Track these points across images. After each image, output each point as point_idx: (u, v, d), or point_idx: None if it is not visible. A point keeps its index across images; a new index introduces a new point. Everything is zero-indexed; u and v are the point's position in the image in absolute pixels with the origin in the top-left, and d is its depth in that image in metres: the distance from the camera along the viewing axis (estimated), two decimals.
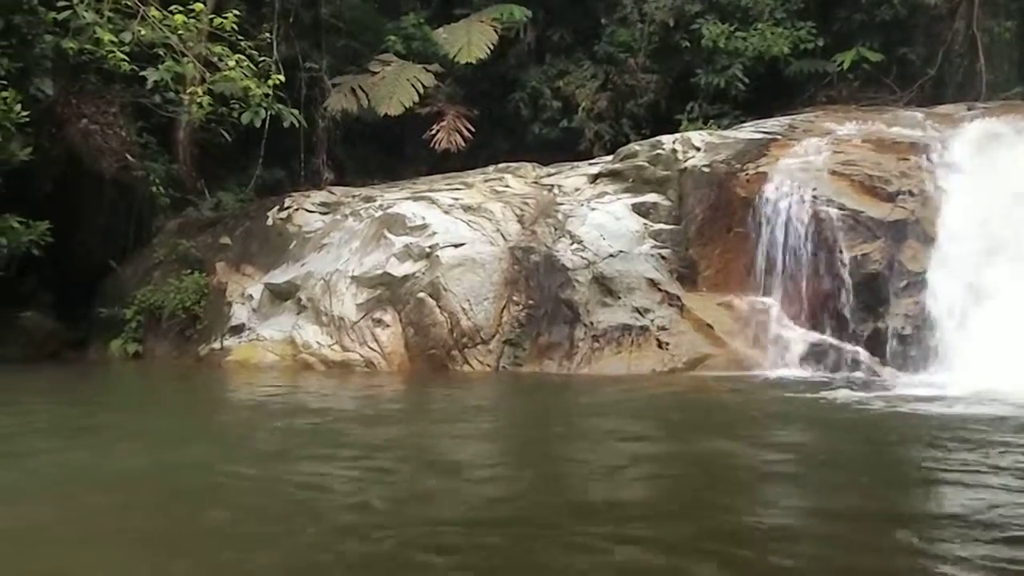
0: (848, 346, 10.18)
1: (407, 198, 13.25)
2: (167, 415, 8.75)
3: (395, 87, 15.91)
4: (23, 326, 13.36)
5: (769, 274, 10.99)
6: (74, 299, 13.82)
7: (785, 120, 13.31)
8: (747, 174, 11.50)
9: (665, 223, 11.94)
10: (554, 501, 4.83)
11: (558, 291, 11.28)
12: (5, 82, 11.22)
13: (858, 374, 9.81)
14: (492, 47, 16.10)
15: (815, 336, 10.37)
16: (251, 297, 12.79)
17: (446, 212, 12.53)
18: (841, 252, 10.47)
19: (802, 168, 11.28)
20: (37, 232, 11.78)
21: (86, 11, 11.56)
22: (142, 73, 12.18)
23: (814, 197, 10.84)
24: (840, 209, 10.67)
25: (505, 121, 17.52)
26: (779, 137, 12.39)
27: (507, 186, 13.49)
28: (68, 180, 13.41)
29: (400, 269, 11.87)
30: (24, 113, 11.36)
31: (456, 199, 12.87)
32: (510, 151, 16.48)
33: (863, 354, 10.06)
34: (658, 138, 13.21)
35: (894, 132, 11.74)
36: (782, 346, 10.41)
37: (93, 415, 8.46)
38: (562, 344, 10.99)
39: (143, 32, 11.72)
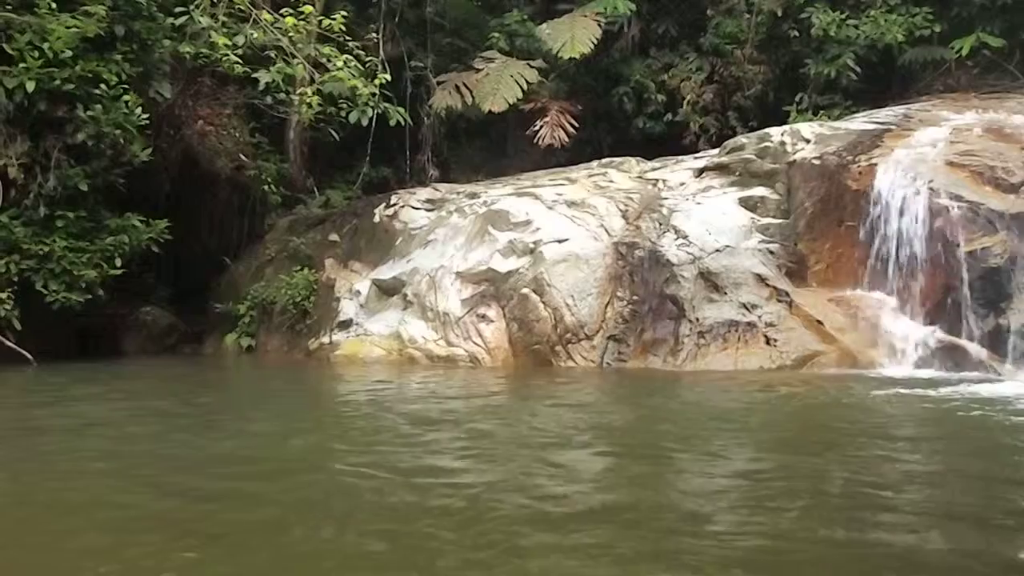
0: (967, 344, 9.79)
1: (511, 194, 13.30)
2: (310, 410, 8.96)
3: (499, 84, 15.98)
4: (143, 320, 13.88)
5: (882, 269, 10.66)
6: (191, 295, 14.31)
7: (899, 110, 12.91)
8: (859, 166, 11.17)
9: (773, 217, 11.70)
10: None
11: (663, 287, 11.16)
12: (126, 86, 11.65)
13: (977, 372, 9.42)
14: (596, 41, 16.02)
15: (931, 333, 10.01)
16: (359, 293, 13.03)
17: (550, 208, 12.54)
18: (959, 246, 10.07)
19: (918, 159, 10.91)
20: (156, 230, 12.20)
21: (202, 16, 11.96)
22: (254, 75, 12.53)
23: (930, 189, 10.46)
24: (958, 201, 10.27)
25: (609, 116, 17.42)
26: (893, 127, 12.02)
27: (611, 181, 13.42)
28: (185, 180, 13.88)
29: (504, 265, 11.92)
30: (144, 116, 11.79)
31: (560, 195, 12.86)
32: (614, 146, 16.42)
33: (983, 352, 9.66)
34: (766, 130, 12.98)
35: (1016, 121, 11.24)
36: (896, 343, 10.08)
37: (234, 408, 8.84)
38: (667, 340, 10.88)
39: (255, 35, 12.05)
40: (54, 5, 11.21)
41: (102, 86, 11.39)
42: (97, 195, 11.84)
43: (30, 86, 10.94)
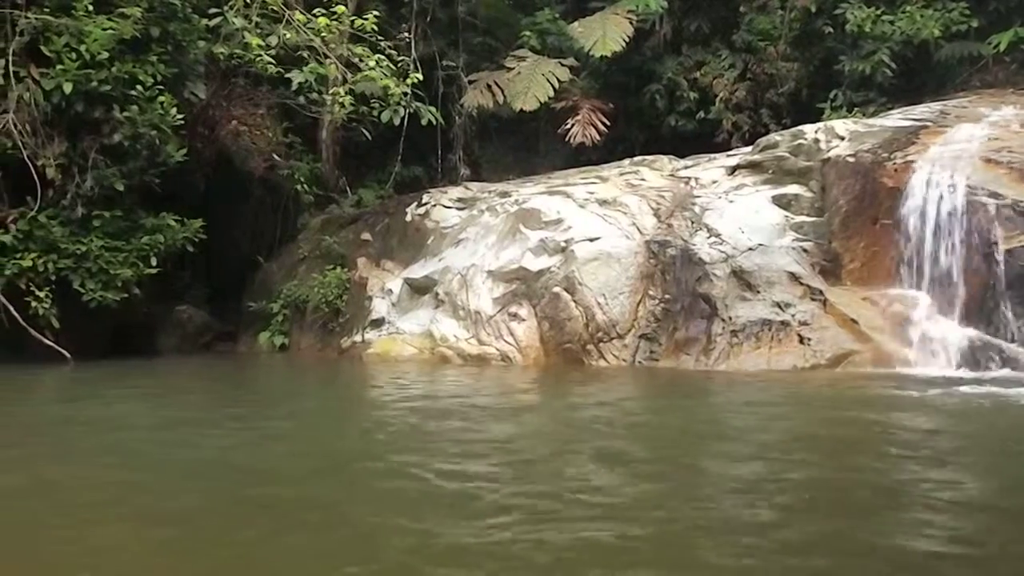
0: (1004, 343, 9.64)
1: (542, 193, 13.30)
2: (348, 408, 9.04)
3: (530, 82, 15.98)
4: (178, 319, 14.03)
5: (918, 267, 10.53)
6: (225, 293, 14.44)
7: (936, 106, 12.75)
8: (895, 163, 11.05)
9: (807, 215, 11.61)
10: None
11: (695, 285, 11.11)
12: (161, 87, 11.78)
13: (1015, 372, 9.27)
14: (627, 39, 15.96)
15: (968, 332, 9.87)
16: (391, 291, 13.08)
17: (581, 206, 12.52)
18: (997, 244, 9.92)
19: (954, 156, 10.76)
20: (191, 230, 12.32)
21: (235, 17, 12.05)
22: (287, 75, 12.62)
23: (967, 186, 10.32)
24: (996, 198, 10.12)
25: (641, 114, 17.35)
26: (929, 124, 11.87)
27: (643, 179, 13.37)
28: (219, 180, 14.00)
29: (535, 263, 11.92)
30: (179, 116, 11.91)
31: (591, 193, 12.84)
32: (646, 144, 16.36)
33: (1021, 352, 9.51)
34: (800, 127, 12.87)
35: None
36: (932, 343, 9.95)
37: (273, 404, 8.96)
38: (699, 339, 10.82)
39: (288, 36, 12.13)
40: (91, 8, 11.35)
41: (138, 87, 11.52)
42: (133, 195, 11.98)
43: (68, 88, 11.08)
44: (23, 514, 4.69)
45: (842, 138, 11.99)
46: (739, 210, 11.77)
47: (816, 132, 12.36)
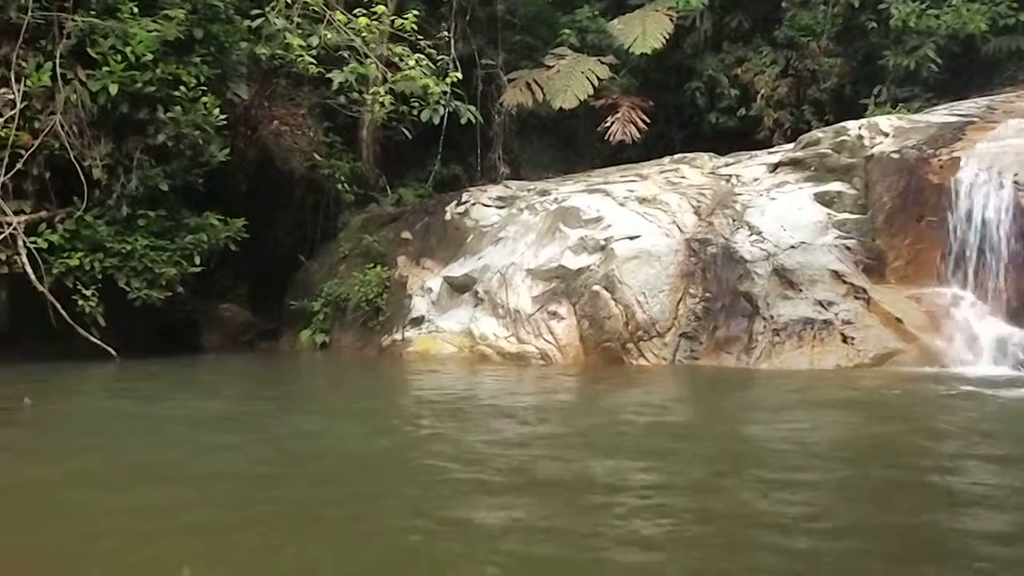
0: None
1: (582, 191, 13.26)
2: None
3: (570, 80, 15.95)
4: (221, 317, 14.17)
5: (964, 265, 10.38)
6: (267, 292, 14.56)
7: (983, 102, 12.54)
8: (940, 159, 10.88)
9: (850, 212, 11.47)
10: None
11: (736, 283, 11.02)
12: (205, 88, 11.90)
13: None
14: (667, 36, 15.88)
15: (1015, 331, 9.70)
16: (430, 290, 13.12)
17: (621, 204, 12.47)
18: None
19: (1002, 152, 10.58)
20: (234, 229, 12.44)
21: (277, 18, 12.16)
22: (328, 75, 12.71)
23: (1015, 183, 10.15)
24: None
25: (681, 111, 17.26)
26: (976, 120, 11.68)
27: (683, 177, 13.29)
28: (261, 179, 14.11)
29: (575, 262, 11.89)
30: (222, 117, 12.01)
31: (631, 191, 12.78)
32: (686, 141, 16.26)
33: None
34: (843, 124, 12.73)
35: None
36: (979, 342, 9.79)
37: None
38: (740, 338, 10.73)
39: (329, 36, 12.22)
40: (136, 10, 11.50)
41: (181, 88, 11.66)
42: (177, 195, 12.12)
43: (113, 89, 11.23)
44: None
45: (886, 134, 11.84)
46: (781, 208, 11.66)
47: (859, 128, 12.21)
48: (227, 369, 12.12)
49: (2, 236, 10.90)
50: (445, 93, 12.55)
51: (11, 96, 11.05)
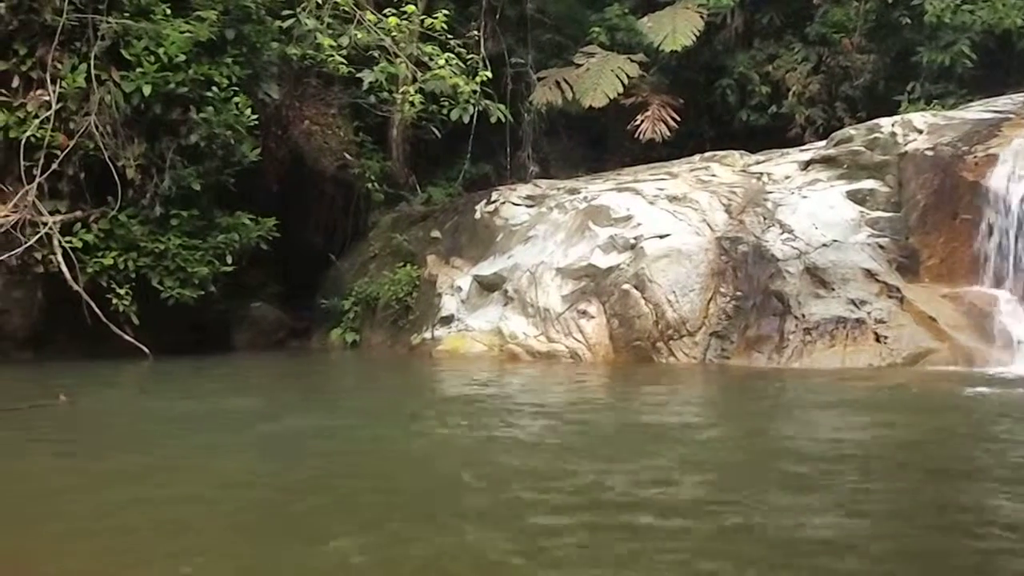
0: None
1: (611, 189, 13.23)
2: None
3: (599, 78, 15.90)
4: (252, 316, 14.26)
5: (1000, 263, 10.27)
6: (298, 291, 14.65)
7: (1018, 98, 12.37)
8: (975, 157, 10.75)
9: (883, 210, 11.36)
10: None
11: (767, 282, 10.94)
12: (236, 88, 11.98)
13: None
14: (698, 34, 15.79)
15: None
16: (460, 289, 13.13)
17: (651, 203, 12.42)
18: None
19: None
20: (265, 228, 12.52)
21: (308, 18, 12.23)
22: (358, 75, 12.77)
23: None
24: None
25: (711, 109, 17.15)
26: (1012, 116, 11.53)
27: (713, 175, 13.21)
28: (292, 179, 14.20)
29: (605, 261, 11.86)
30: (253, 117, 12.10)
31: (661, 189, 12.73)
32: (716, 139, 16.16)
33: None
34: (876, 121, 12.60)
35: None
36: (1014, 341, 9.66)
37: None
38: (771, 337, 10.66)
39: (359, 36, 12.28)
40: (169, 11, 11.61)
41: (214, 89, 11.74)
42: (209, 194, 12.21)
43: (147, 90, 11.34)
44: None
45: (920, 131, 11.71)
46: (813, 206, 11.57)
47: (893, 125, 12.08)
48: (259, 368, 12.23)
49: (38, 236, 11.04)
50: (475, 92, 12.58)
51: (47, 97, 11.20)
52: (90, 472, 5.59)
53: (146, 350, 11.44)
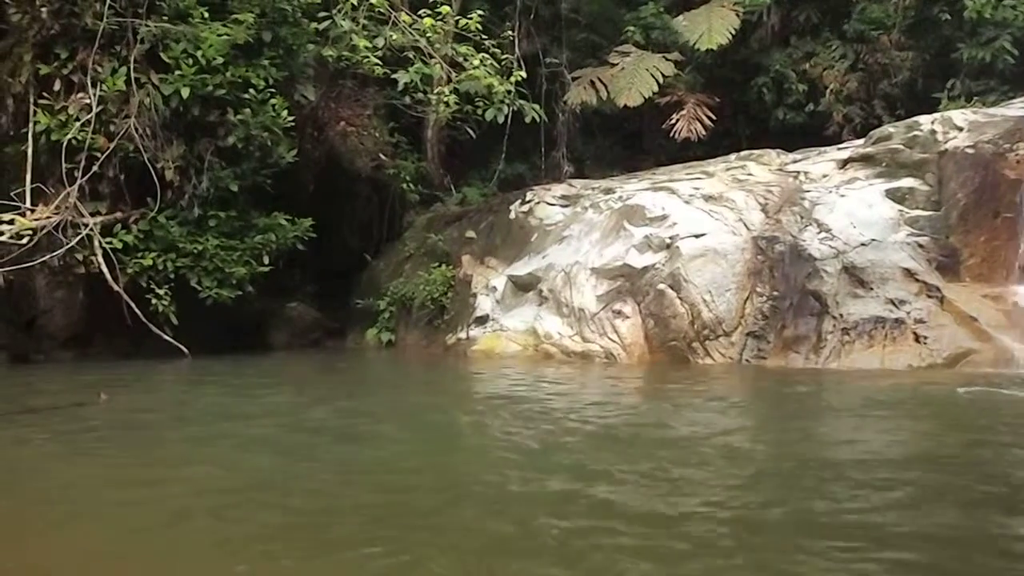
0: None
1: (646, 189, 13.18)
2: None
3: (634, 78, 15.86)
4: (289, 316, 14.36)
5: None
6: (333, 290, 14.74)
7: None
8: (1017, 154, 10.59)
9: (923, 209, 11.22)
10: None
11: (805, 282, 10.85)
12: (273, 90, 12.08)
13: None
14: (734, 32, 15.70)
15: None
16: (495, 289, 13.14)
17: (686, 202, 12.36)
18: None
19: None
20: (301, 228, 12.61)
21: (344, 20, 12.30)
22: (393, 76, 12.82)
23: None
24: None
25: (747, 107, 17.05)
26: None
27: (750, 174, 13.12)
28: (328, 179, 14.29)
29: (640, 260, 11.82)
30: (290, 118, 12.20)
31: (697, 188, 12.66)
32: (752, 138, 16.06)
33: None
34: (915, 119, 12.44)
35: None
36: None
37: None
38: (809, 337, 10.57)
39: (394, 37, 12.34)
40: (206, 14, 11.73)
41: (251, 91, 11.85)
42: (246, 195, 12.32)
43: (185, 92, 11.46)
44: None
45: (960, 129, 11.55)
46: (851, 204, 11.45)
47: (932, 123, 11.93)
48: (297, 367, 12.31)
49: (79, 237, 11.19)
50: (509, 92, 12.60)
51: (88, 100, 11.35)
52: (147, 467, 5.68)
53: (185, 350, 11.57)
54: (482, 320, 12.94)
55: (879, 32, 16.01)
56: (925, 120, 12.14)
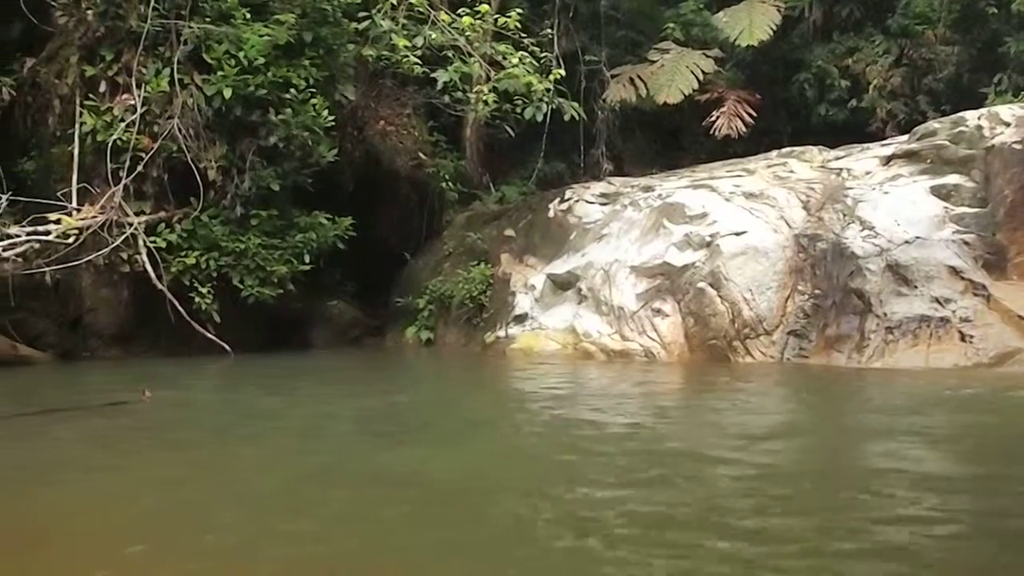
0: None
1: (686, 187, 13.09)
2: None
3: (674, 75, 15.78)
4: (329, 314, 14.44)
5: None
6: (373, 289, 14.80)
7: None
8: None
9: (968, 206, 11.04)
10: None
11: (847, 280, 10.73)
12: (314, 90, 12.17)
13: None
14: (775, 28, 15.58)
15: None
16: (533, 287, 13.12)
17: (727, 200, 12.26)
18: None
19: None
20: (342, 227, 12.68)
21: (383, 20, 12.36)
22: (433, 75, 12.85)
23: None
24: None
25: (788, 104, 16.89)
26: None
27: (791, 171, 12.99)
28: (368, 178, 14.35)
29: (679, 258, 11.75)
30: (330, 118, 12.28)
31: (737, 186, 12.56)
32: (794, 135, 15.92)
33: None
34: (960, 114, 12.25)
35: None
36: None
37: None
38: (851, 336, 10.44)
39: (433, 36, 12.36)
40: (248, 15, 11.84)
41: (292, 91, 11.94)
42: (287, 194, 12.41)
43: (227, 93, 11.59)
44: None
45: (1007, 124, 11.36)
46: (894, 202, 11.30)
47: (979, 119, 11.74)
48: (339, 364, 12.36)
49: (124, 236, 11.36)
50: (548, 90, 12.57)
51: (132, 101, 11.53)
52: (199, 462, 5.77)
53: (227, 348, 11.68)
54: (521, 319, 12.93)
55: (924, 27, 15.81)
56: (971, 115, 11.95)
